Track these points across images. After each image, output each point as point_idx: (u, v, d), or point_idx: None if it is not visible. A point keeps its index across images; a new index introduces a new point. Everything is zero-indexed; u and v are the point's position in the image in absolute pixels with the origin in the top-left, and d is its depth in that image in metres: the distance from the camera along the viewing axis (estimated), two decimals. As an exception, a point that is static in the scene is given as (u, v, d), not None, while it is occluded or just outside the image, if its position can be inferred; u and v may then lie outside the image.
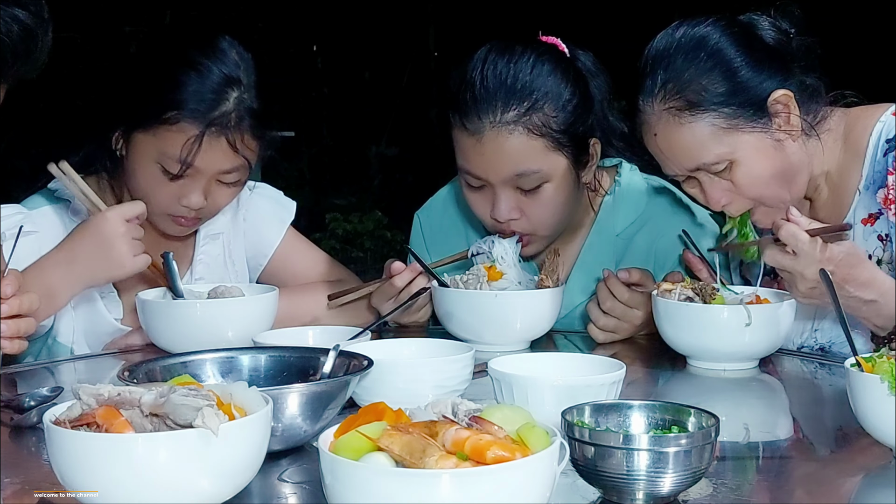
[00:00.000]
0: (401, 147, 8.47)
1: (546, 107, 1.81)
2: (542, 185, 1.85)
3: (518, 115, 1.80)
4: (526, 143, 1.81)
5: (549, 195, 1.87)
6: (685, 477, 1.03)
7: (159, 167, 1.81)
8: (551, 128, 1.82)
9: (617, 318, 1.82)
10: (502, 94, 1.81)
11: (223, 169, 1.84)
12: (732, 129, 1.64)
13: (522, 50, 1.84)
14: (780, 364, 1.72)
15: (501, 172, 1.84)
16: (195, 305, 1.77)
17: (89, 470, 0.95)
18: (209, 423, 0.94)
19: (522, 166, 1.83)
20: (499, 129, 1.81)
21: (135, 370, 1.25)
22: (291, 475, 1.16)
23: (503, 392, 1.28)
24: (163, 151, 1.79)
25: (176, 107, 1.77)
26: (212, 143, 1.79)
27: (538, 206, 1.87)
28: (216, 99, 1.79)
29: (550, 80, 1.83)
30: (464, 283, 1.84)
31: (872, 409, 1.17)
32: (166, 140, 1.78)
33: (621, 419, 1.12)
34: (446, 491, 0.87)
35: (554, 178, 1.86)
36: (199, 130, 1.77)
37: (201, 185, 1.83)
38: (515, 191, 1.86)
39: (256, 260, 2.13)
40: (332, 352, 1.32)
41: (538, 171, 1.83)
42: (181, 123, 1.77)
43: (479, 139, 1.82)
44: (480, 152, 1.83)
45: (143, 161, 1.82)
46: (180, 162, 1.78)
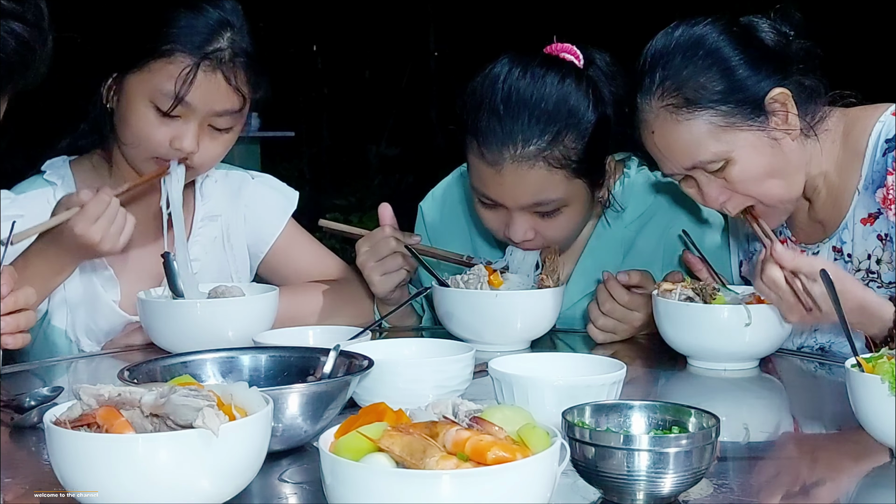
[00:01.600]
0: (401, 147, 8.48)
1: (567, 139, 1.79)
2: (560, 209, 1.85)
3: (539, 149, 1.78)
4: (546, 176, 1.80)
5: (566, 218, 1.87)
6: (686, 477, 1.03)
7: (152, 107, 1.79)
8: (571, 159, 1.80)
9: (616, 320, 1.82)
10: (523, 125, 1.78)
11: (217, 109, 1.81)
12: (729, 127, 1.63)
13: (543, 73, 1.81)
14: (780, 364, 1.72)
15: (519, 201, 1.83)
16: (195, 305, 1.76)
17: (89, 470, 0.95)
18: (210, 423, 0.94)
19: (541, 196, 1.82)
20: (519, 163, 1.79)
21: (135, 370, 1.24)
22: (292, 475, 1.16)
23: (503, 392, 1.28)
24: (156, 87, 1.78)
25: (169, 40, 1.77)
26: (207, 78, 1.78)
27: (554, 227, 1.88)
28: (210, 35, 1.79)
29: (572, 107, 1.80)
30: (464, 283, 1.84)
31: (872, 409, 1.17)
32: (160, 74, 1.77)
33: (622, 419, 1.12)
34: (447, 491, 0.87)
35: (571, 203, 1.86)
36: (193, 62, 1.77)
37: (194, 127, 1.81)
38: (532, 214, 1.85)
39: (257, 247, 2.11)
40: (333, 352, 1.32)
41: (557, 199, 1.83)
42: (175, 55, 1.77)
43: (499, 170, 1.80)
44: (499, 182, 1.82)
45: (135, 103, 1.80)
46: (173, 96, 1.76)
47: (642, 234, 2.03)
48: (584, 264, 2.04)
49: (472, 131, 1.83)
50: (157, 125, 1.80)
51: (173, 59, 1.77)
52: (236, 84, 1.81)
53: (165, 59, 1.77)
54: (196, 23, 1.79)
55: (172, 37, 1.77)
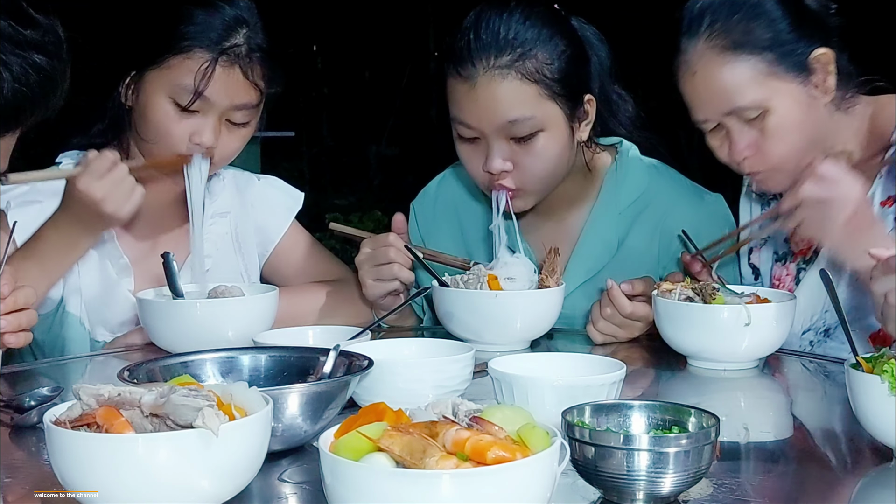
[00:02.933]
0: (401, 147, 8.48)
1: (539, 54, 1.83)
2: (536, 133, 1.85)
3: (511, 60, 1.82)
4: (519, 88, 1.82)
5: (543, 145, 1.87)
6: (686, 477, 1.03)
7: (171, 102, 1.82)
8: (545, 74, 1.83)
9: (616, 326, 1.82)
10: (496, 40, 1.83)
11: (235, 103, 1.85)
12: (772, 76, 1.67)
13: (516, 4, 1.88)
14: (780, 364, 1.72)
15: (495, 119, 1.84)
16: (195, 305, 1.76)
17: (89, 470, 0.95)
18: (209, 423, 0.94)
19: (515, 112, 1.83)
20: (492, 74, 1.82)
21: (135, 370, 1.24)
22: (292, 475, 1.16)
23: (503, 392, 1.28)
24: (175, 83, 1.81)
25: (188, 37, 1.81)
26: (225, 73, 1.82)
27: (531, 156, 1.87)
28: (227, 31, 1.83)
29: (544, 30, 1.85)
30: (464, 283, 1.84)
31: (872, 409, 1.17)
32: (179, 70, 1.81)
33: (622, 419, 1.12)
34: (447, 491, 0.87)
35: (548, 128, 1.86)
36: (211, 57, 1.80)
37: (213, 122, 1.84)
38: (508, 142, 1.86)
39: (263, 246, 2.12)
40: (333, 352, 1.32)
41: (531, 117, 1.84)
42: (194, 51, 1.80)
43: (473, 85, 1.83)
44: (474, 98, 1.84)
45: (155, 99, 1.83)
46: (193, 91, 1.80)
47: (636, 225, 2.03)
48: (577, 256, 2.04)
49: (448, 56, 1.88)
50: (177, 120, 1.83)
51: (192, 55, 1.80)
52: (253, 78, 1.85)
53: (184, 55, 1.81)
54: (213, 20, 1.83)
55: (190, 34, 1.81)
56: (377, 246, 1.91)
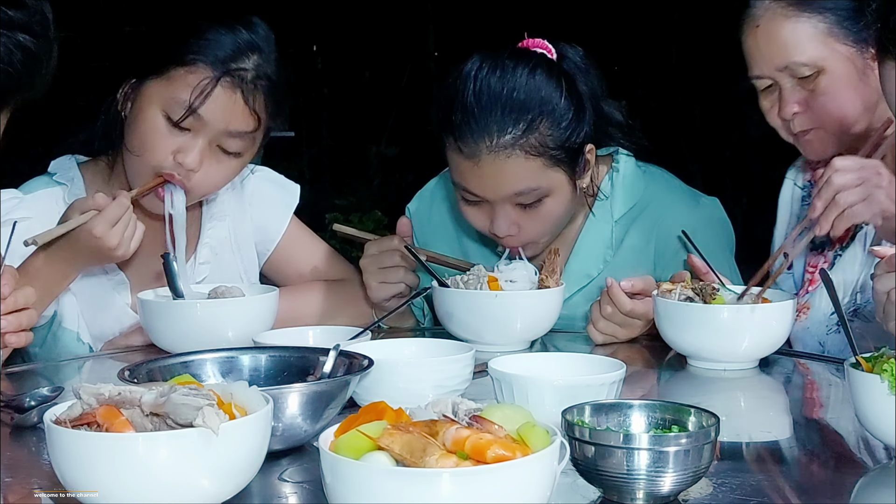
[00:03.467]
0: (401, 147, 8.48)
1: (542, 126, 1.80)
2: (542, 199, 1.85)
3: (514, 138, 1.79)
4: (524, 164, 1.81)
5: (549, 209, 1.87)
6: (685, 476, 1.03)
7: (163, 116, 1.77)
8: (548, 146, 1.81)
9: (616, 325, 1.82)
10: (497, 116, 1.79)
11: (229, 128, 1.79)
12: (832, 37, 1.70)
13: (513, 66, 1.83)
14: (780, 364, 1.72)
15: (500, 192, 1.83)
16: (195, 305, 1.76)
17: (90, 470, 0.95)
18: (210, 422, 0.94)
19: (521, 185, 1.82)
20: (496, 154, 1.80)
21: (135, 370, 1.25)
22: (292, 475, 1.16)
23: (503, 392, 1.28)
24: (171, 96, 1.76)
25: (194, 51, 1.76)
26: (224, 94, 1.76)
27: (537, 220, 1.88)
28: (236, 53, 1.78)
29: (544, 96, 1.81)
30: (464, 283, 1.84)
31: (872, 408, 1.17)
32: (178, 83, 1.76)
33: (621, 419, 1.13)
34: (447, 490, 0.87)
35: (553, 193, 1.86)
36: (213, 76, 1.75)
37: (201, 144, 1.78)
38: (514, 207, 1.86)
39: (264, 245, 2.10)
40: (333, 352, 1.32)
41: (537, 188, 1.83)
42: (197, 65, 1.76)
43: (476, 163, 1.81)
44: (478, 175, 1.83)
45: (147, 110, 1.79)
46: (186, 107, 1.74)
47: (633, 230, 2.02)
48: (574, 261, 2.04)
49: (446, 129, 1.84)
50: (165, 135, 1.78)
51: (194, 70, 1.76)
52: (253, 106, 1.79)
53: (186, 68, 1.76)
54: (224, 38, 1.78)
55: (197, 47, 1.76)
56: (382, 249, 1.90)
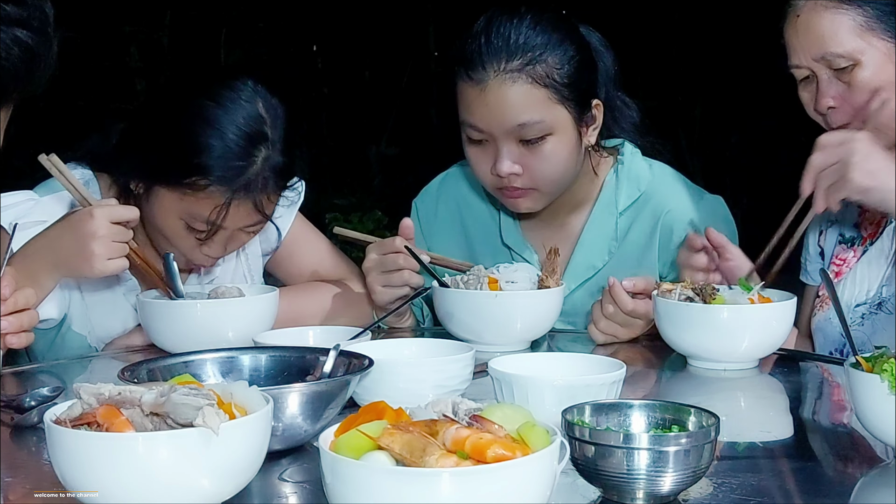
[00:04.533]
0: (401, 147, 8.48)
1: (549, 59, 1.85)
2: (545, 137, 1.87)
3: (522, 64, 1.84)
4: (529, 92, 1.85)
5: (552, 148, 1.89)
6: (685, 476, 1.03)
7: (183, 224, 1.80)
8: (554, 79, 1.85)
9: (618, 324, 1.82)
10: (507, 45, 1.85)
11: (246, 225, 1.84)
12: (870, 31, 1.71)
13: (526, 10, 1.90)
14: (780, 364, 1.72)
15: (504, 123, 1.86)
16: (195, 305, 1.77)
17: (90, 469, 0.95)
18: (210, 422, 0.94)
19: (525, 116, 1.85)
20: (503, 78, 1.84)
21: (135, 370, 1.25)
22: (292, 474, 1.16)
23: (503, 392, 1.28)
24: (188, 212, 1.78)
25: (202, 172, 1.73)
26: (238, 205, 1.78)
27: (540, 160, 1.89)
28: (244, 164, 1.75)
29: (554, 35, 1.88)
30: (464, 284, 1.84)
31: (872, 408, 1.17)
32: (193, 202, 1.77)
33: (621, 418, 1.13)
34: (447, 490, 0.87)
35: (556, 132, 1.88)
36: (226, 197, 1.75)
37: (224, 239, 1.84)
38: (518, 145, 1.88)
39: (268, 243, 2.11)
40: (333, 352, 1.32)
41: (541, 121, 1.86)
42: (209, 190, 1.75)
43: (483, 89, 1.85)
44: (484, 102, 1.86)
45: (166, 214, 1.80)
46: (208, 224, 1.78)
47: (637, 222, 2.04)
48: (578, 253, 2.05)
49: (458, 60, 1.90)
50: (188, 236, 1.82)
51: (207, 193, 1.75)
52: (265, 205, 1.82)
53: (197, 190, 1.75)
54: (229, 152, 1.74)
55: (205, 170, 1.73)
56: (385, 251, 1.89)
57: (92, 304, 1.90)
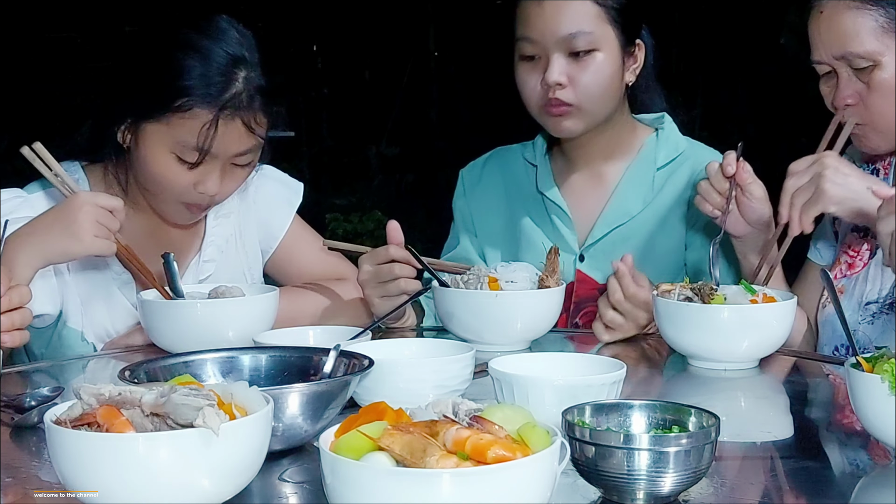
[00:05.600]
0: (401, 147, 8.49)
1: None
2: (592, 52, 1.98)
3: None
4: (584, 5, 1.97)
5: (598, 64, 1.99)
6: (686, 477, 1.03)
7: (174, 157, 1.81)
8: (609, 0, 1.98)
9: (622, 315, 1.83)
10: None
11: (239, 151, 1.84)
12: (890, 33, 1.72)
13: None
14: (780, 364, 1.72)
15: (558, 31, 1.97)
16: (195, 305, 1.77)
17: (90, 470, 0.95)
18: (210, 422, 0.94)
19: (577, 26, 1.97)
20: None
21: (135, 370, 1.25)
22: (292, 475, 1.16)
23: (504, 392, 1.28)
24: (178, 140, 1.79)
25: (186, 93, 1.77)
26: (227, 126, 1.79)
27: (587, 73, 1.99)
28: (226, 81, 1.79)
29: None
30: (464, 283, 1.84)
31: (872, 409, 1.17)
32: (180, 128, 1.78)
33: (622, 419, 1.13)
34: (447, 490, 0.87)
35: (603, 49, 1.99)
36: (212, 115, 1.77)
37: (217, 171, 1.84)
38: (567, 58, 1.98)
39: (267, 243, 2.12)
40: (333, 352, 1.32)
41: (591, 33, 1.97)
42: (194, 110, 1.77)
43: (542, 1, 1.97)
44: (541, 13, 1.98)
45: (156, 152, 1.81)
46: (197, 149, 1.78)
47: (673, 178, 2.12)
48: (614, 201, 2.12)
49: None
50: (181, 172, 1.82)
51: (192, 114, 1.77)
52: (254, 123, 1.83)
53: (183, 113, 1.77)
54: (209, 70, 1.78)
55: (189, 90, 1.77)
56: (378, 261, 1.88)
57: (86, 299, 1.90)
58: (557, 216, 2.13)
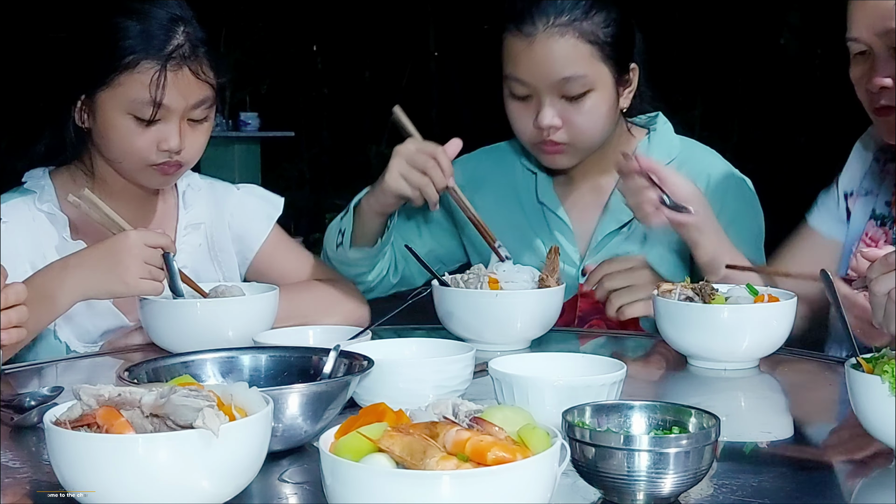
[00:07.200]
0: (400, 147, 8.49)
1: (596, 16, 1.95)
2: (587, 93, 1.95)
3: (570, 19, 1.92)
4: (576, 46, 1.93)
5: (592, 104, 1.97)
6: (686, 478, 1.03)
7: (131, 118, 1.84)
8: (599, 36, 1.93)
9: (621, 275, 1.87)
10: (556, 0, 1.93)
11: (192, 102, 1.87)
12: None
13: None
14: (780, 364, 1.72)
15: (550, 75, 1.93)
16: (195, 305, 1.76)
17: (90, 471, 0.95)
18: (210, 423, 0.94)
19: (570, 70, 1.93)
20: (551, 32, 1.92)
21: (135, 370, 1.25)
22: (292, 475, 1.16)
23: (503, 392, 1.28)
24: (131, 98, 1.82)
25: (131, 51, 1.81)
26: (176, 77, 1.83)
27: (581, 114, 1.96)
28: (166, 34, 1.84)
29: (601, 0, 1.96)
30: (464, 283, 1.84)
31: (872, 409, 1.17)
32: (131, 86, 1.82)
33: (622, 420, 1.12)
34: (447, 492, 0.87)
35: (598, 88, 1.96)
36: (159, 65, 1.82)
37: (176, 126, 1.86)
38: (560, 99, 1.95)
39: (243, 255, 2.13)
40: (333, 352, 1.32)
41: (584, 75, 1.94)
42: (141, 64, 1.81)
43: (531, 42, 1.93)
44: (531, 56, 1.93)
45: (113, 118, 1.85)
46: (151, 103, 1.81)
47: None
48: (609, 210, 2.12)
49: (508, 16, 1.97)
50: (140, 133, 1.85)
51: (140, 69, 1.81)
52: (204, 75, 1.88)
53: (131, 70, 1.81)
54: (149, 27, 1.83)
55: (131, 48, 1.82)
56: (420, 150, 1.94)
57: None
58: (560, 231, 2.13)
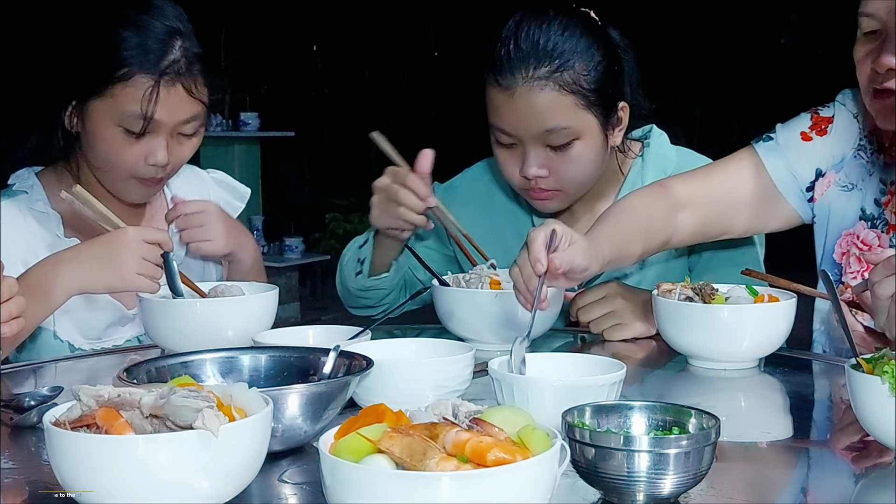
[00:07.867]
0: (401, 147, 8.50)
1: (577, 65, 1.87)
2: (572, 142, 1.90)
3: (550, 71, 1.86)
4: (557, 99, 1.87)
5: (578, 152, 1.92)
6: (686, 478, 1.02)
7: (121, 130, 1.83)
8: (581, 85, 1.87)
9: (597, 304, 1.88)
10: (535, 52, 1.87)
11: (183, 118, 1.87)
12: None
13: (555, 14, 1.91)
14: (780, 364, 1.72)
15: (532, 128, 1.89)
16: (195, 305, 1.76)
17: (89, 471, 0.95)
18: (209, 424, 0.94)
19: (552, 122, 1.87)
20: (531, 85, 1.86)
21: (134, 370, 1.25)
22: (292, 476, 1.16)
23: (503, 392, 1.28)
24: (122, 111, 1.82)
25: (126, 63, 1.81)
26: (169, 93, 1.83)
27: (567, 163, 1.92)
28: (163, 49, 1.83)
29: (582, 41, 1.89)
30: (465, 282, 1.84)
31: (872, 409, 1.17)
32: (123, 99, 1.81)
33: (622, 420, 1.12)
34: (447, 493, 0.87)
35: (583, 136, 1.91)
36: (153, 80, 1.81)
37: (164, 141, 1.86)
38: (545, 148, 1.91)
39: None
40: (333, 352, 1.32)
41: (567, 127, 1.88)
42: (135, 78, 1.81)
43: (512, 95, 1.87)
44: (512, 108, 1.88)
45: (103, 127, 1.84)
46: (142, 117, 1.81)
47: None
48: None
49: (488, 65, 1.91)
50: (128, 146, 1.85)
51: (133, 82, 1.81)
52: (195, 90, 1.87)
53: (125, 82, 1.81)
54: (146, 40, 1.83)
55: (127, 60, 1.81)
56: (394, 180, 1.94)
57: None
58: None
